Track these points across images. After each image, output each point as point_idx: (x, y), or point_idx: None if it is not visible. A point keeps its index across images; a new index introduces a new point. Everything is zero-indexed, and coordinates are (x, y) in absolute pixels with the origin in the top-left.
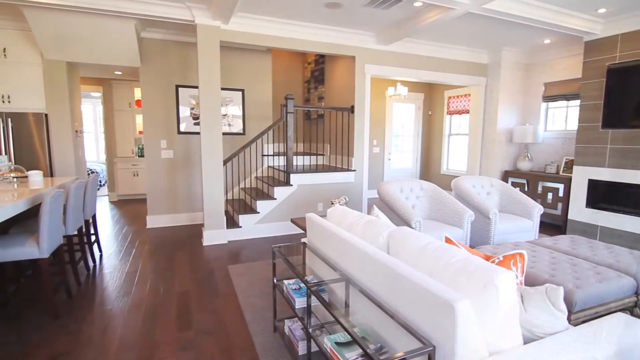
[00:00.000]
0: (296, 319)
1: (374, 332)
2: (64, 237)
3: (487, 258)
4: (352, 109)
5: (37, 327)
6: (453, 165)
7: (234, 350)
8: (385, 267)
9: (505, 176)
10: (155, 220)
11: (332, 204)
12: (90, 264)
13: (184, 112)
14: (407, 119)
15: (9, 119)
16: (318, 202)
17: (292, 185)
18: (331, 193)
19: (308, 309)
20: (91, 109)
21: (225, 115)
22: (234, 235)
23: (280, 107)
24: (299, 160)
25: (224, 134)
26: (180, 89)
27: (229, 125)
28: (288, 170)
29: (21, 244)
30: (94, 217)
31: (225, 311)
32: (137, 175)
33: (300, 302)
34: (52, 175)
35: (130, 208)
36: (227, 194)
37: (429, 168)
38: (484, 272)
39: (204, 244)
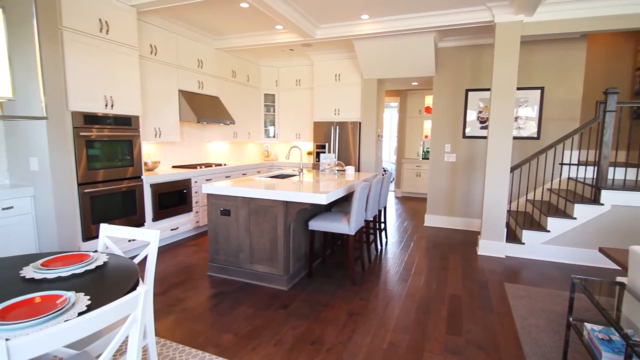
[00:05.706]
0: None
1: None
2: (364, 221)
3: None
4: None
5: (340, 286)
6: None
7: None
8: None
9: None
10: (432, 220)
11: None
12: (378, 247)
13: (471, 115)
14: None
15: (337, 127)
16: None
17: (602, 204)
18: None
19: None
20: (388, 117)
21: (516, 117)
22: (513, 250)
23: (596, 104)
24: (616, 173)
25: (513, 138)
26: (469, 92)
27: (519, 128)
28: (598, 184)
29: (338, 220)
30: (384, 208)
31: (499, 331)
32: (420, 175)
33: (609, 359)
34: (359, 170)
35: (411, 205)
36: (509, 204)
37: None
38: None
39: (479, 252)
